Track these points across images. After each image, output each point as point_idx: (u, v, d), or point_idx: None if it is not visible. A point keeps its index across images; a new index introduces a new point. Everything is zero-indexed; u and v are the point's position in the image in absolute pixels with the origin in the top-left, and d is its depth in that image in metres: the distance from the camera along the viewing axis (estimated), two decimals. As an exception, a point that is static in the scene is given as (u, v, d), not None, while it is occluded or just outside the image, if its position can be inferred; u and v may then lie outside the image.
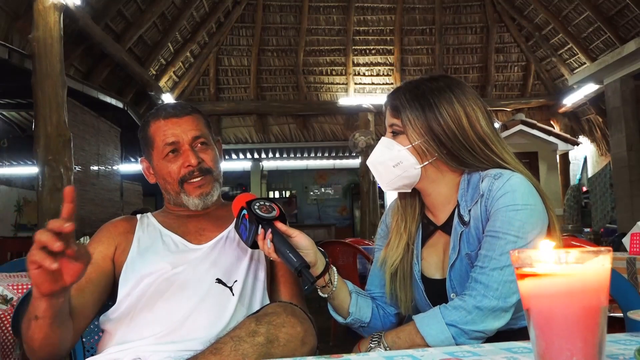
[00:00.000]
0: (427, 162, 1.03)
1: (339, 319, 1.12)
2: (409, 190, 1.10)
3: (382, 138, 1.08)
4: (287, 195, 13.79)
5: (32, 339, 0.91)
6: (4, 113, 7.90)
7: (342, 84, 10.51)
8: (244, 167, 11.91)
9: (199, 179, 1.17)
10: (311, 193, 13.87)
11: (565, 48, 9.47)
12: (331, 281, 1.06)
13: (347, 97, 10.40)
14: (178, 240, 1.16)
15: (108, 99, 6.73)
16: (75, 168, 4.77)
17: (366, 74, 10.57)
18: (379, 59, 10.49)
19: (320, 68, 10.50)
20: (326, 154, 11.67)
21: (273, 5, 10.07)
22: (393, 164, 1.05)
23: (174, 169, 1.17)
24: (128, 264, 1.11)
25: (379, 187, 9.92)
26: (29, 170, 8.88)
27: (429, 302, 1.07)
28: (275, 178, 13.42)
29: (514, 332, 0.99)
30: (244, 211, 1.01)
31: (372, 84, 10.59)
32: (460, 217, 1.03)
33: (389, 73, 10.53)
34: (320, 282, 1.05)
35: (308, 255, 1.00)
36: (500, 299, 0.93)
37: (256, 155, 11.29)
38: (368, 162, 1.10)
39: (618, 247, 2.85)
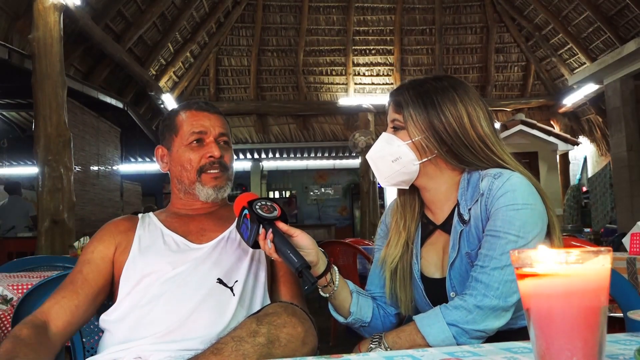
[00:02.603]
0: (426, 159, 1.04)
1: (340, 319, 1.12)
2: (407, 187, 1.10)
3: (383, 133, 1.09)
4: (287, 195, 13.77)
5: None
6: (4, 113, 7.88)
7: (342, 84, 10.51)
8: (244, 167, 11.89)
9: (217, 171, 1.20)
10: (311, 193, 13.85)
11: (565, 48, 9.46)
12: (333, 281, 1.06)
13: (347, 97, 10.40)
14: (179, 240, 1.16)
15: (108, 99, 6.72)
16: (75, 168, 4.77)
17: (366, 74, 10.56)
18: (379, 59, 10.49)
19: (320, 68, 10.49)
20: (326, 154, 11.66)
21: (273, 5, 10.07)
22: (392, 159, 1.05)
23: (195, 158, 1.20)
24: (129, 263, 1.11)
25: (379, 187, 9.92)
26: (29, 170, 8.87)
27: (428, 301, 1.07)
28: (275, 178, 13.41)
29: (513, 332, 0.99)
30: (246, 211, 1.02)
31: (372, 84, 10.58)
32: (460, 216, 1.03)
33: (389, 73, 10.52)
34: (322, 281, 1.05)
35: (309, 254, 1.00)
36: (501, 299, 0.93)
37: (256, 156, 11.28)
38: (367, 157, 1.11)
39: (618, 247, 2.85)
